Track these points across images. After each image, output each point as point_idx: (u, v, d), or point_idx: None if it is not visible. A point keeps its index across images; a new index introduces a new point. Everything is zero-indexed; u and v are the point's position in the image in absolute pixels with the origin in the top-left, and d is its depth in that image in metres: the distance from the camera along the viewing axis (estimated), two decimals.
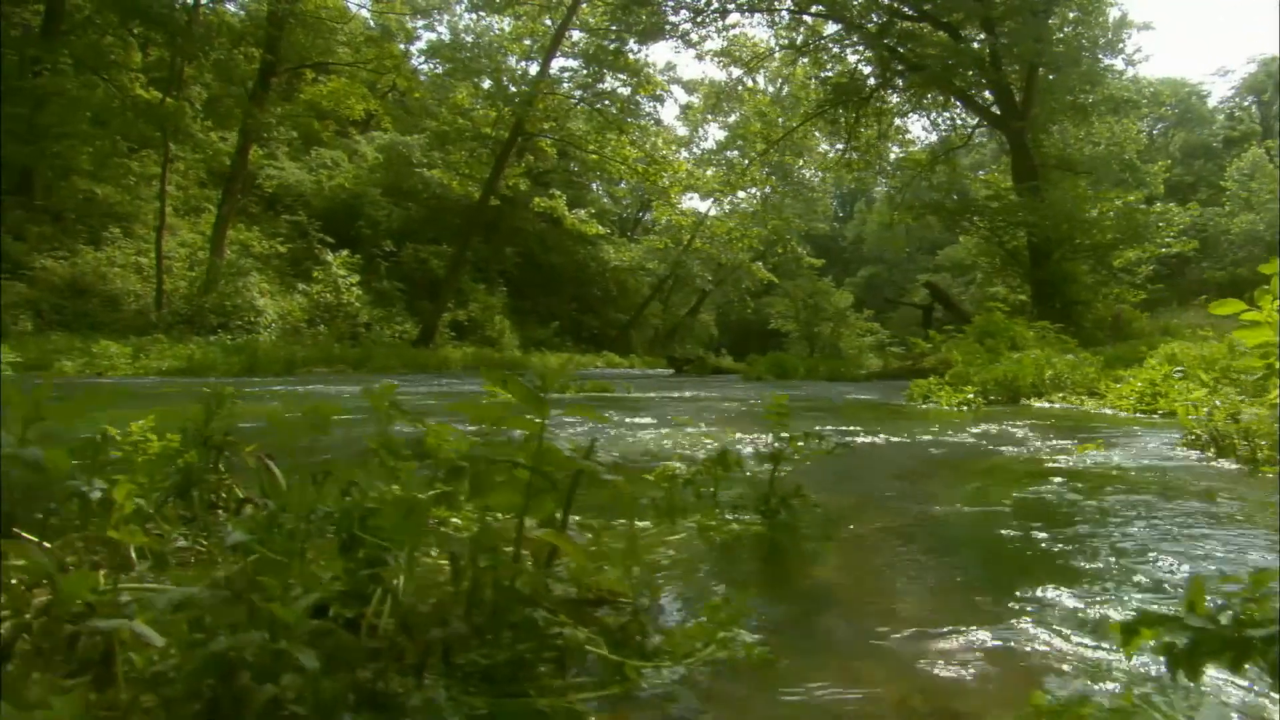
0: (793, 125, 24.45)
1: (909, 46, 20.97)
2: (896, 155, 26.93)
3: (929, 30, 21.30)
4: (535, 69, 24.81)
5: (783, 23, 22.98)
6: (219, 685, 0.69)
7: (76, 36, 17.35)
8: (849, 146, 24.47)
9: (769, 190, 32.17)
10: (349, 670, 0.76)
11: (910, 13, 20.80)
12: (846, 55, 23.55)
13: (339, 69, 23.14)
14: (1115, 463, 2.98)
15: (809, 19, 22.83)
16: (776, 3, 22.25)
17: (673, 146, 28.44)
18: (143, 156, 20.46)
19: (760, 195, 32.91)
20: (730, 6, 22.20)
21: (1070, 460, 3.07)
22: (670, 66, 41.22)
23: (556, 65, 24.53)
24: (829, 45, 22.83)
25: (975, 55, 19.89)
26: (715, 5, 22.04)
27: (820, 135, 26.63)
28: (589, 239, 29.69)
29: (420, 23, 28.38)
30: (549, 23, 24.72)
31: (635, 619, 0.96)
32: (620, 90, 25.40)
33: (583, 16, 24.39)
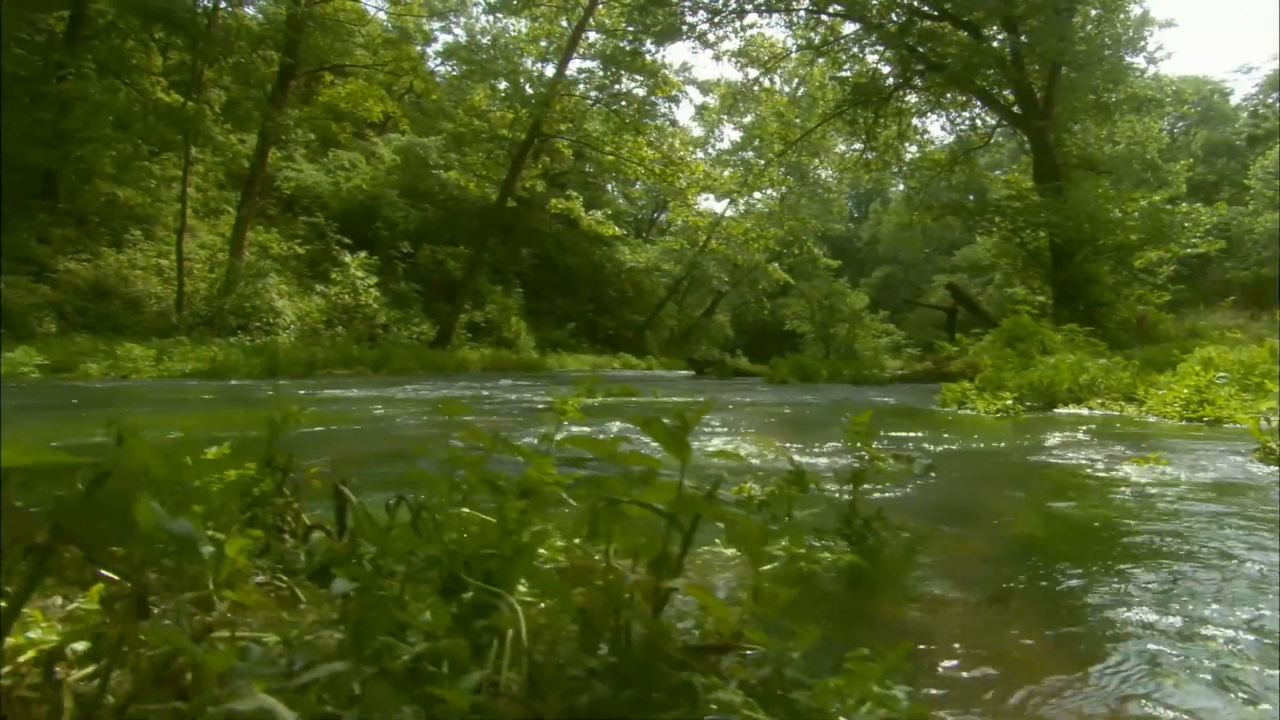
0: (811, 126, 24.29)
1: (929, 46, 20.78)
2: (913, 155, 26.73)
3: (949, 29, 21.10)
4: (551, 70, 24.84)
5: (801, 22, 22.84)
6: None
7: (100, 41, 17.49)
8: (867, 146, 24.30)
9: (786, 191, 32.00)
10: None
11: (931, 12, 20.60)
12: (865, 55, 23.42)
13: (357, 71, 23.23)
14: (1195, 480, 2.85)
15: (827, 18, 22.69)
16: (795, 2, 22.12)
17: (689, 147, 28.33)
18: (163, 159, 20.61)
19: (777, 196, 32.75)
20: (748, 7, 22.09)
21: (1139, 472, 2.96)
22: (685, 67, 41.10)
23: (573, 66, 24.53)
24: (848, 45, 22.66)
25: (997, 54, 19.69)
26: (733, 5, 21.94)
27: (837, 135, 26.47)
28: (605, 240, 29.65)
29: (437, 25, 28.46)
30: (565, 24, 24.70)
31: (777, 673, 0.88)
32: (636, 91, 25.37)
33: (599, 18, 24.35)
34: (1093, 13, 21.23)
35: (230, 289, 18.71)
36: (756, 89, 26.47)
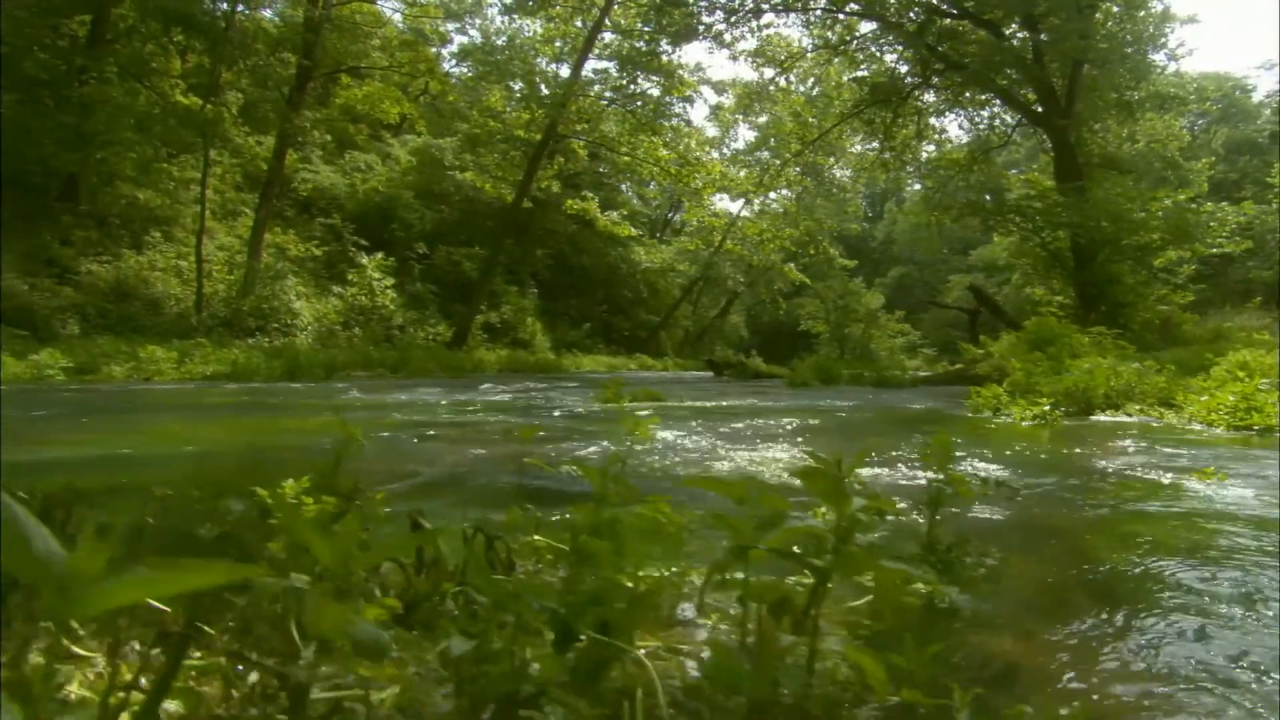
0: (829, 126, 24.14)
1: (949, 44, 20.60)
2: (931, 154, 26.51)
3: (969, 28, 20.90)
4: (566, 71, 24.81)
5: (817, 22, 22.69)
6: None
7: (121, 45, 17.61)
8: (885, 146, 24.12)
9: (801, 191, 31.84)
10: None
11: (950, 10, 20.41)
12: (882, 54, 23.23)
13: (373, 73, 23.30)
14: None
15: (844, 17, 22.53)
16: (812, 1, 21.97)
17: (705, 148, 28.22)
18: (181, 161, 20.74)
19: (793, 196, 32.58)
20: (765, 6, 21.97)
21: (1214, 487, 2.85)
22: (699, 67, 40.95)
23: (589, 67, 24.48)
24: (865, 44, 22.50)
25: (1017, 52, 19.48)
26: (750, 5, 21.82)
27: (854, 135, 26.29)
28: (620, 240, 29.61)
29: (452, 26, 28.49)
30: (579, 24, 24.65)
31: None
32: (651, 91, 25.29)
33: (614, 18, 24.30)
34: (1115, 9, 20.96)
35: (248, 290, 18.80)
36: (772, 89, 26.34)
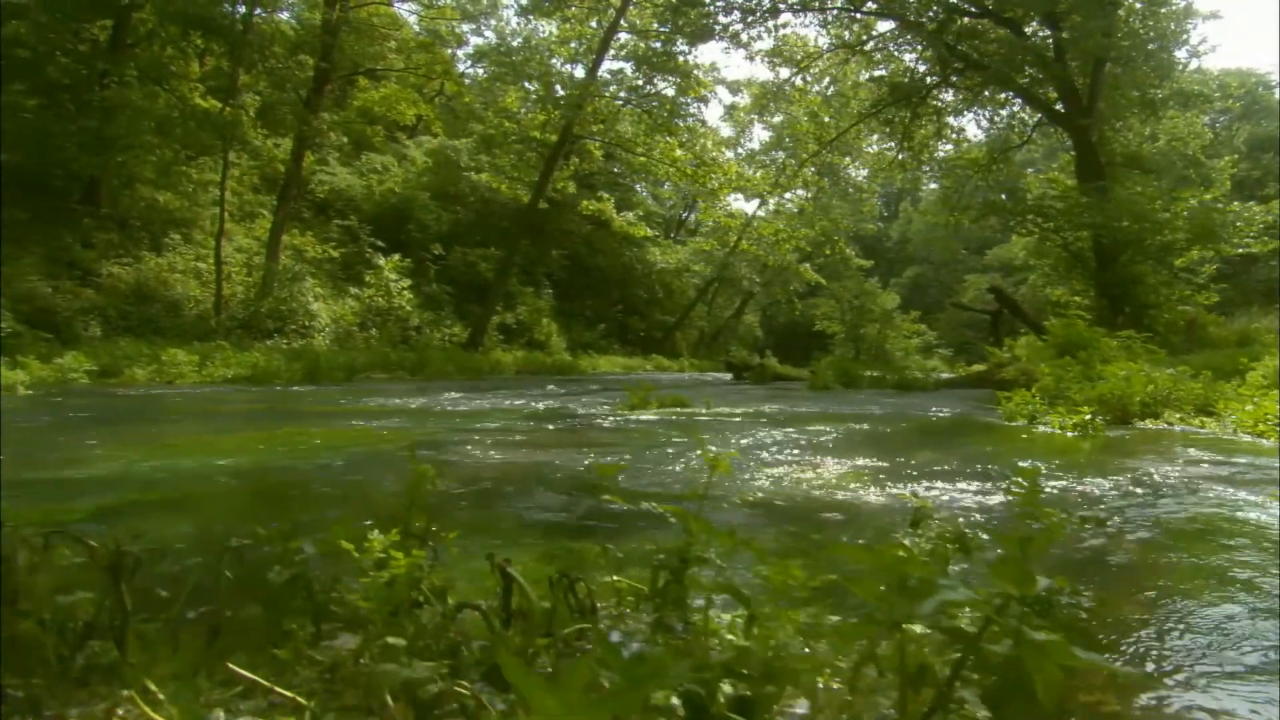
0: (846, 126, 23.97)
1: (969, 43, 20.38)
2: (946, 153, 26.24)
3: (988, 26, 20.68)
4: (581, 72, 24.76)
5: (835, 21, 22.50)
6: None
7: (141, 49, 17.71)
8: (903, 146, 23.91)
9: (817, 191, 31.66)
10: None
11: (970, 8, 20.19)
12: (900, 53, 23.03)
13: (390, 75, 23.34)
14: None
15: (862, 17, 22.34)
16: (829, 1, 21.80)
17: (720, 148, 28.11)
18: (199, 163, 20.86)
19: (809, 196, 32.41)
20: (782, 6, 21.81)
21: None
22: (714, 67, 40.79)
23: (604, 68, 24.42)
24: (884, 43, 22.31)
25: (1039, 51, 19.24)
26: (766, 4, 21.67)
27: (870, 134, 26.10)
28: (635, 241, 29.55)
29: (467, 27, 28.50)
30: (594, 25, 24.59)
31: None
32: (666, 91, 25.19)
33: (629, 18, 24.23)
34: (1137, 5, 20.68)
35: (267, 292, 18.88)
36: (788, 89, 26.18)
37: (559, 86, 24.21)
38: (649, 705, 0.88)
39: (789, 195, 33.19)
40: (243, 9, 19.05)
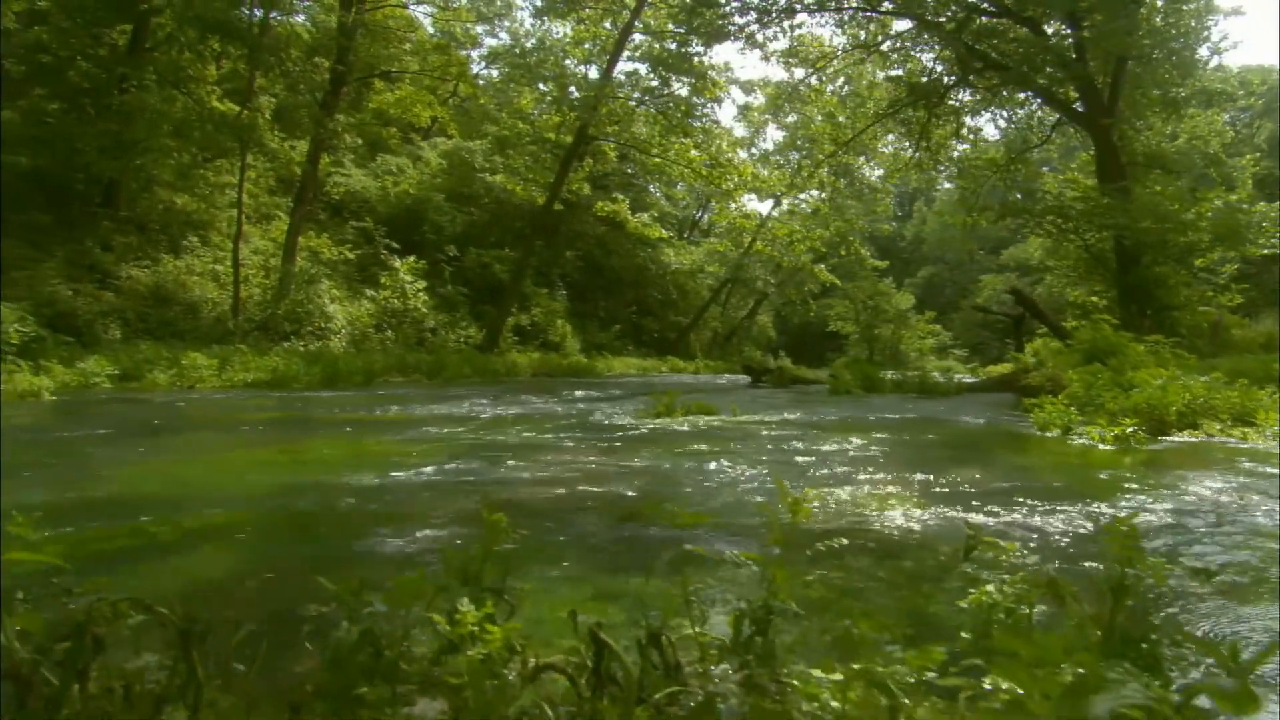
0: (863, 126, 23.80)
1: (988, 43, 20.17)
2: (962, 153, 26.00)
3: (1007, 25, 20.45)
4: (595, 73, 24.69)
5: (851, 21, 22.33)
6: None
7: (160, 53, 17.81)
8: (920, 146, 23.71)
9: (832, 191, 31.48)
10: None
11: (989, 8, 19.98)
12: (918, 53, 22.83)
13: (405, 76, 23.37)
14: None
15: (879, 16, 22.17)
16: (846, 1, 21.63)
17: (735, 149, 27.98)
18: (216, 166, 20.95)
19: (824, 196, 32.23)
20: (798, 6, 21.66)
21: None
22: (727, 67, 40.70)
23: (619, 69, 24.35)
24: (901, 43, 22.13)
25: (1060, 50, 19.01)
26: (782, 4, 21.52)
27: (886, 134, 25.91)
28: (649, 242, 29.48)
29: (482, 28, 28.50)
30: (608, 25, 24.52)
31: None
32: (680, 92, 25.09)
33: (644, 19, 24.14)
34: (1159, 3, 20.41)
35: (283, 294, 18.93)
36: (804, 89, 26.03)
37: (573, 88, 24.16)
38: None
39: (803, 195, 33.04)
40: (259, 13, 19.14)
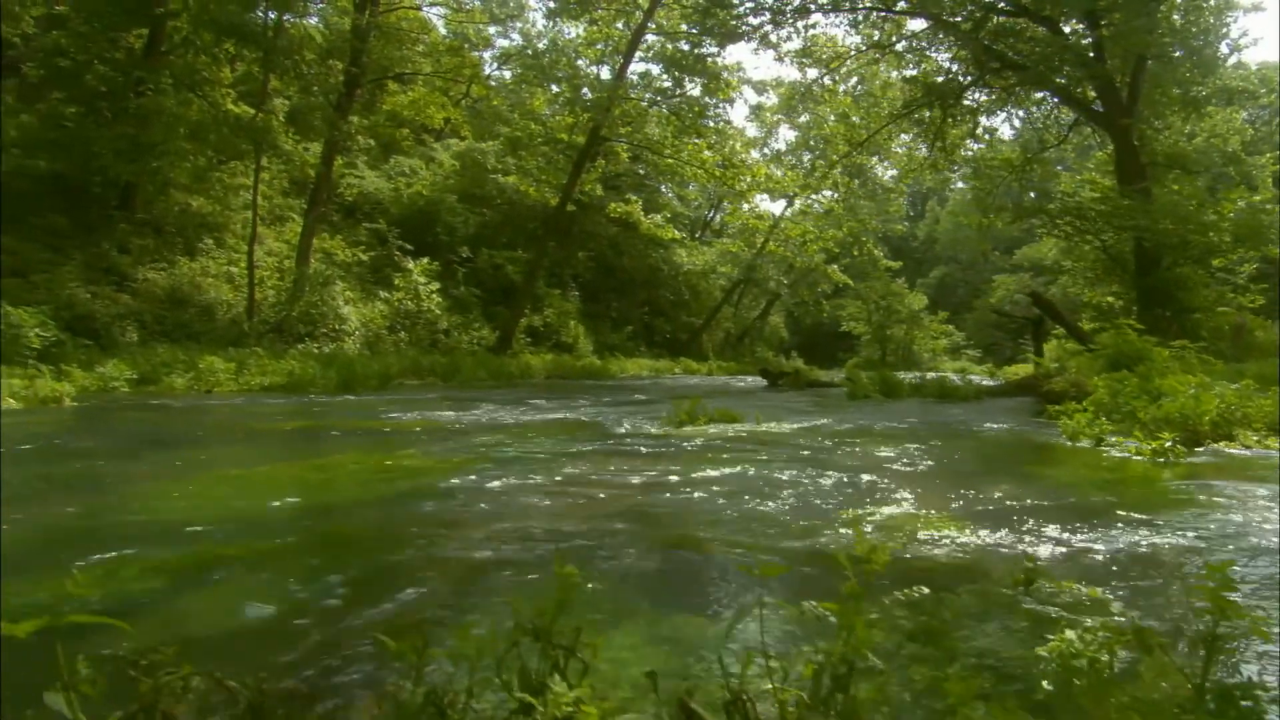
0: (878, 127, 23.65)
1: (1005, 42, 19.99)
2: (979, 152, 25.81)
3: (1024, 25, 20.27)
4: (607, 73, 24.62)
5: (866, 21, 22.19)
6: None
7: (176, 57, 17.88)
8: (935, 146, 23.54)
9: (846, 192, 31.32)
10: None
11: (1007, 7, 19.81)
12: (933, 53, 22.68)
13: (419, 78, 23.38)
14: None
15: (894, 16, 22.02)
16: (861, 0, 21.50)
17: (748, 149, 27.87)
18: (230, 168, 21.02)
19: (837, 197, 32.08)
20: (812, 6, 21.54)
21: None
22: (739, 66, 40.61)
23: (631, 69, 24.28)
24: (918, 43, 21.98)
25: (1078, 50, 18.81)
26: (796, 4, 21.41)
27: (904, 135, 25.75)
28: (661, 242, 29.40)
29: (493, 29, 28.48)
30: (620, 26, 24.45)
31: None
32: (693, 92, 25.01)
33: (656, 19, 24.07)
34: (1179, 0, 20.17)
35: (298, 296, 18.96)
36: (817, 89, 25.89)
37: (586, 89, 24.12)
38: None
39: (816, 196, 32.90)
40: (273, 16, 19.18)
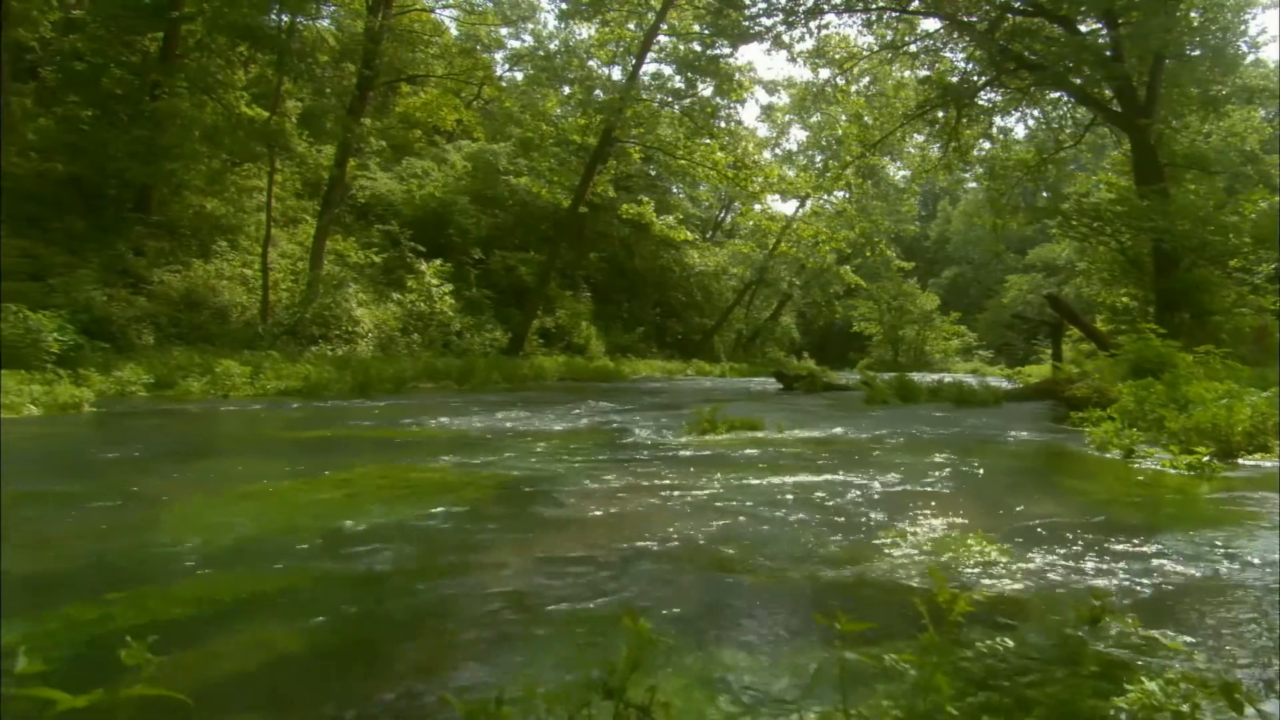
0: (892, 128, 23.50)
1: (1021, 42, 19.80)
2: (992, 152, 25.61)
3: (1040, 24, 20.08)
4: (618, 74, 24.58)
5: (880, 21, 22.05)
6: None
7: (191, 60, 17.95)
8: (949, 147, 23.36)
9: (860, 193, 31.17)
10: None
11: (1023, 7, 19.62)
12: (947, 53, 22.51)
13: (431, 80, 23.39)
14: None
15: (908, 16, 21.87)
16: (874, 1, 21.35)
17: (760, 150, 27.76)
18: (243, 170, 21.08)
19: (850, 197, 31.93)
20: (825, 6, 21.41)
21: None
22: (750, 66, 40.47)
23: (644, 70, 24.22)
24: (933, 43, 21.82)
25: (1096, 49, 18.61)
26: (809, 4, 21.28)
27: (917, 135, 25.58)
28: (673, 243, 29.33)
29: (505, 30, 28.48)
30: (632, 27, 24.38)
31: None
32: (705, 93, 24.92)
33: (669, 20, 23.99)
34: None
35: (311, 298, 19.01)
36: (829, 89, 25.75)
37: (598, 90, 24.07)
38: None
39: (828, 196, 32.76)
40: (286, 19, 19.23)
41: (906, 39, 22.30)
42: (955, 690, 1.67)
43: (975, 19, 20.28)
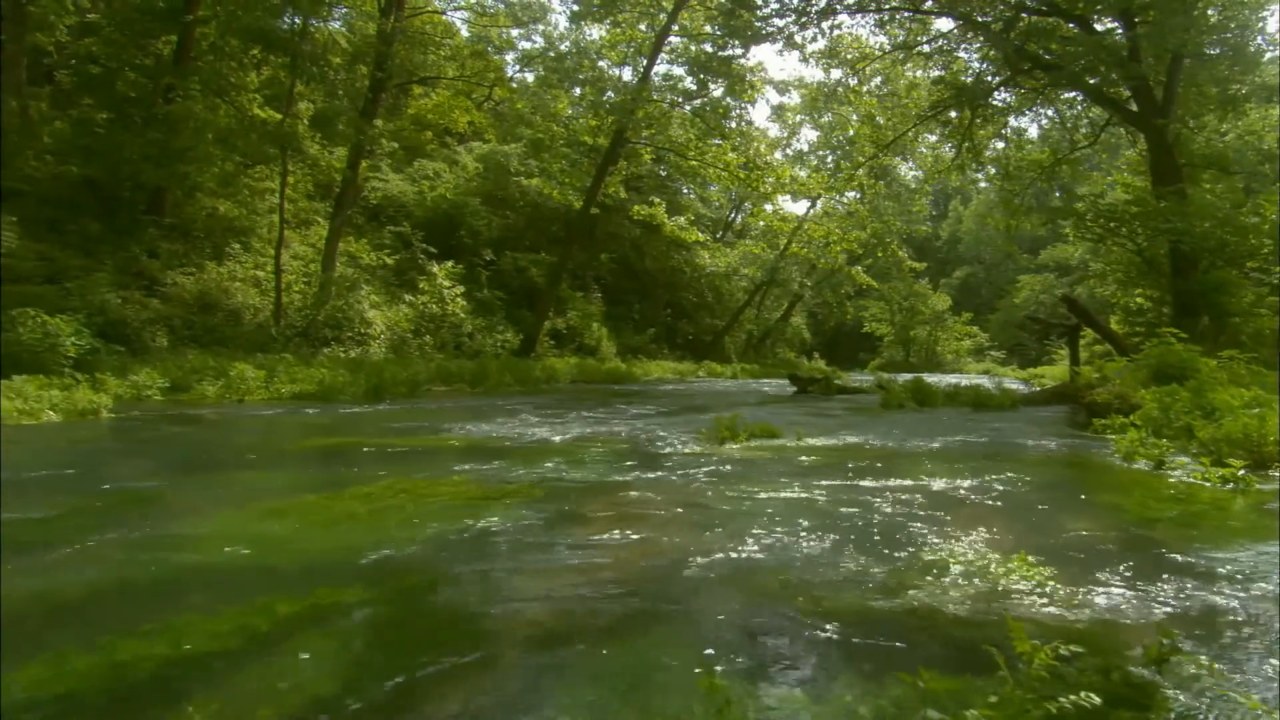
0: (905, 128, 23.37)
1: (1036, 42, 19.64)
2: (1000, 152, 25.43)
3: (1056, 24, 19.91)
4: (629, 74, 24.53)
5: (893, 21, 21.92)
6: None
7: (204, 63, 18.00)
8: (963, 148, 23.21)
9: (872, 194, 31.01)
10: None
11: (1038, 6, 19.46)
12: (961, 53, 22.37)
13: (443, 82, 23.40)
14: None
15: (921, 17, 21.73)
16: (887, 1, 21.22)
17: (771, 150, 27.66)
18: (256, 172, 21.13)
19: (861, 198, 31.78)
20: (838, 6, 21.29)
21: None
22: (760, 67, 40.31)
23: (655, 71, 24.16)
24: (948, 44, 21.67)
25: (1113, 49, 18.44)
26: (822, 4, 21.17)
27: (929, 135, 25.44)
28: (684, 245, 29.28)
29: (516, 32, 28.48)
30: (644, 28, 24.33)
31: None
32: (716, 93, 24.84)
33: (680, 21, 23.94)
34: None
35: (324, 300, 19.04)
36: (841, 90, 25.65)
37: (609, 91, 24.03)
38: None
39: (839, 197, 32.63)
40: (299, 21, 19.26)
41: (920, 39, 22.17)
42: None
43: (989, 19, 20.13)
